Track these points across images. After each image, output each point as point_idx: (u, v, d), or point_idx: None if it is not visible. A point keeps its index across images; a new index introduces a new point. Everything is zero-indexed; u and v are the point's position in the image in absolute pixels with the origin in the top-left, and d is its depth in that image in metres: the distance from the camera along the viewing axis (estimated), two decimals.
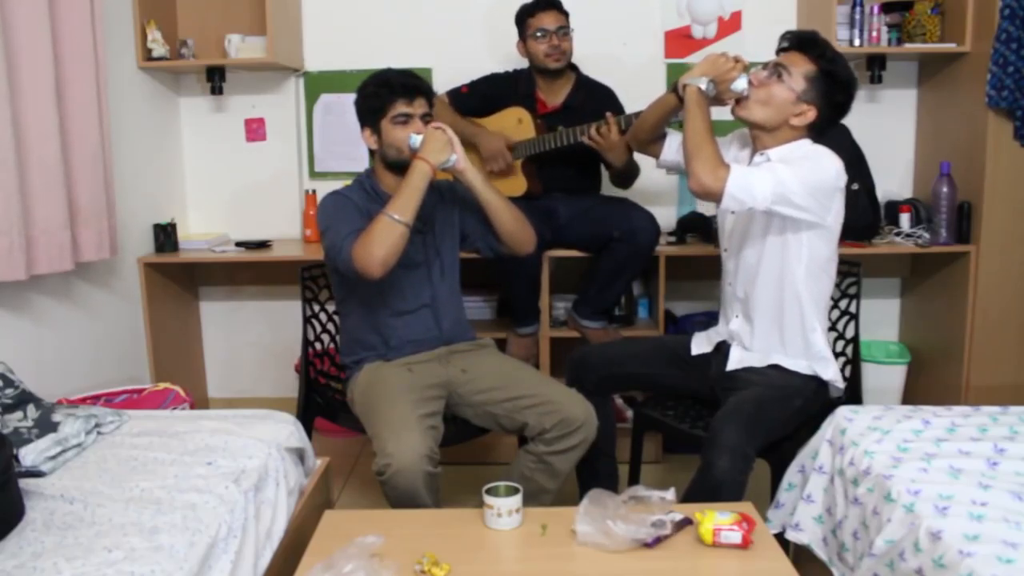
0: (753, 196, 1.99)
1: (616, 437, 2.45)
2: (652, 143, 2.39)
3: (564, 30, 2.87)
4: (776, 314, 2.16)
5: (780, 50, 2.14)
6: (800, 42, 2.10)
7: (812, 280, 2.13)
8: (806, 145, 2.11)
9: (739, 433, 1.95)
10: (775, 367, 2.17)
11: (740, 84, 2.09)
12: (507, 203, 2.31)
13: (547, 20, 2.86)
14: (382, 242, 2.07)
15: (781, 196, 2.00)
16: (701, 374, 2.31)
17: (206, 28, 3.35)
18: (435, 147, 2.16)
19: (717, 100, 2.16)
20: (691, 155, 2.05)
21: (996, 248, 2.98)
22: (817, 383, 2.17)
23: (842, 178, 2.06)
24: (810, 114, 2.08)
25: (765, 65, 2.11)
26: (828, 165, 2.05)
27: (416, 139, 2.18)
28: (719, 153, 2.05)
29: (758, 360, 2.20)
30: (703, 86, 2.11)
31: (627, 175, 2.91)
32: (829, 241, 2.12)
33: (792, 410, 2.13)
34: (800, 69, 2.06)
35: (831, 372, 2.17)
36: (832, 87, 2.06)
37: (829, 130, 2.15)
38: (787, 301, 2.14)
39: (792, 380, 2.15)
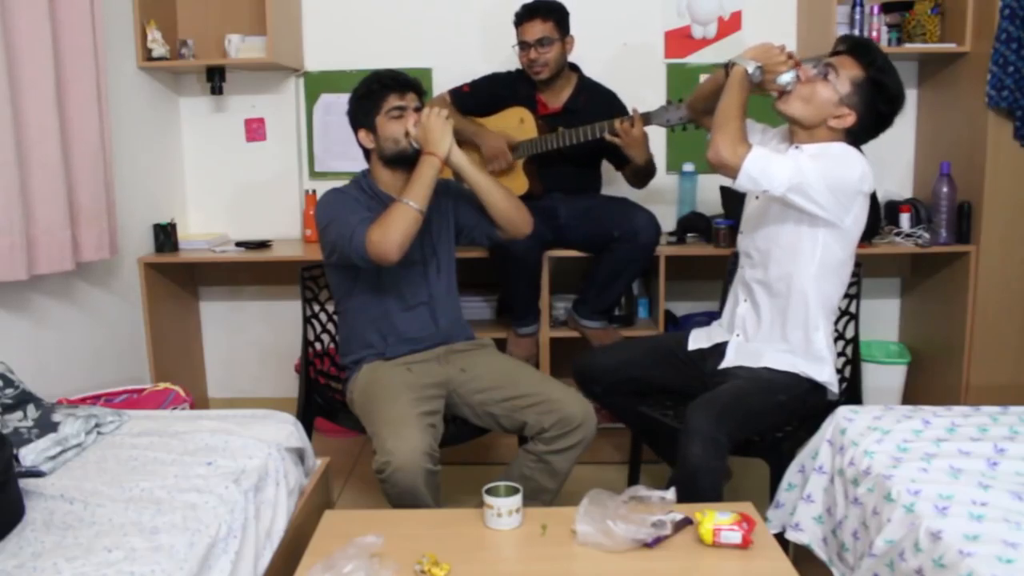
0: (770, 179, 2.00)
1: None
2: (705, 115, 2.38)
3: (547, 40, 2.82)
4: (782, 304, 2.16)
5: (834, 52, 2.14)
6: (854, 47, 2.10)
7: (822, 280, 2.12)
8: (839, 146, 2.09)
9: (708, 420, 1.97)
10: (767, 368, 2.17)
11: (786, 77, 2.08)
12: (498, 185, 2.32)
13: (528, 32, 2.83)
14: (399, 227, 2.10)
15: (798, 186, 2.00)
16: (697, 371, 2.31)
17: (206, 28, 3.35)
18: (436, 136, 2.17)
19: (760, 88, 2.15)
20: (717, 127, 2.05)
21: (996, 248, 2.98)
22: (809, 383, 2.16)
23: (866, 182, 2.05)
24: (849, 119, 2.07)
25: (816, 63, 2.11)
26: (854, 166, 2.04)
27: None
28: (744, 132, 2.06)
29: (752, 360, 2.20)
30: (750, 69, 2.11)
31: (646, 173, 2.91)
32: (845, 244, 2.12)
33: (774, 404, 2.12)
34: (849, 72, 2.06)
35: (826, 374, 2.16)
36: (877, 96, 2.06)
37: (867, 140, 2.14)
38: (794, 294, 2.14)
39: (780, 377, 2.15)
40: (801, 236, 2.10)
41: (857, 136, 2.11)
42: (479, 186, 2.28)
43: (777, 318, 2.18)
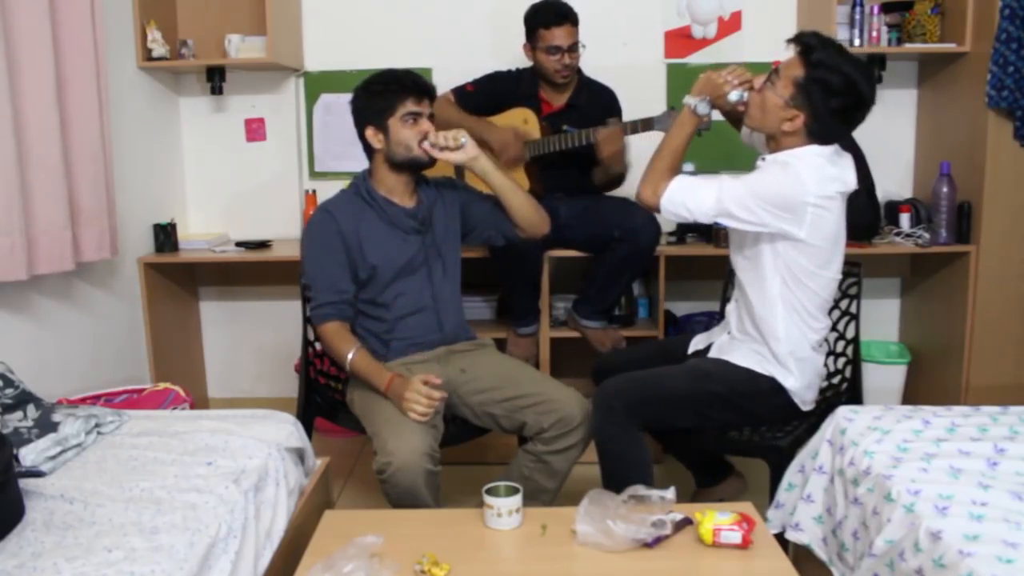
0: (688, 210, 2.10)
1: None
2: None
3: (576, 46, 2.85)
4: (754, 308, 2.15)
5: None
6: (799, 47, 2.03)
7: (788, 289, 2.09)
8: (797, 153, 2.04)
9: (611, 387, 2.13)
10: (727, 362, 2.18)
11: (733, 96, 2.12)
12: (519, 187, 2.36)
13: (560, 37, 2.82)
14: (334, 353, 2.23)
15: (724, 211, 2.05)
16: None
17: (206, 28, 3.35)
18: (410, 398, 2.07)
19: (731, 111, 2.19)
20: (647, 168, 2.17)
21: (996, 248, 2.99)
22: (771, 384, 2.13)
23: (811, 194, 1.98)
24: (798, 120, 2.02)
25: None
26: (794, 178, 1.99)
27: (463, 141, 2.22)
28: (671, 169, 2.15)
29: (724, 354, 2.20)
30: (693, 104, 2.16)
31: (616, 182, 2.98)
32: (810, 255, 2.06)
33: (703, 392, 2.13)
34: (791, 74, 2.01)
35: (791, 382, 2.13)
36: (822, 93, 1.98)
37: (839, 136, 2.09)
38: (763, 301, 2.12)
39: (735, 372, 2.15)
40: (760, 248, 2.10)
41: (822, 135, 2.04)
42: (503, 189, 2.30)
43: (748, 319, 2.18)
